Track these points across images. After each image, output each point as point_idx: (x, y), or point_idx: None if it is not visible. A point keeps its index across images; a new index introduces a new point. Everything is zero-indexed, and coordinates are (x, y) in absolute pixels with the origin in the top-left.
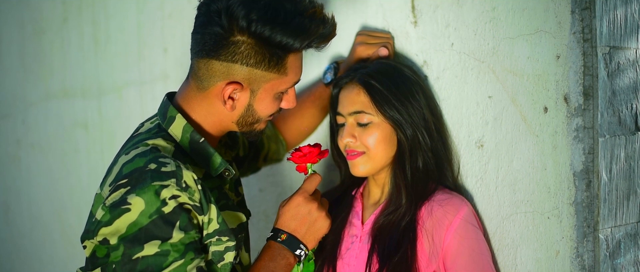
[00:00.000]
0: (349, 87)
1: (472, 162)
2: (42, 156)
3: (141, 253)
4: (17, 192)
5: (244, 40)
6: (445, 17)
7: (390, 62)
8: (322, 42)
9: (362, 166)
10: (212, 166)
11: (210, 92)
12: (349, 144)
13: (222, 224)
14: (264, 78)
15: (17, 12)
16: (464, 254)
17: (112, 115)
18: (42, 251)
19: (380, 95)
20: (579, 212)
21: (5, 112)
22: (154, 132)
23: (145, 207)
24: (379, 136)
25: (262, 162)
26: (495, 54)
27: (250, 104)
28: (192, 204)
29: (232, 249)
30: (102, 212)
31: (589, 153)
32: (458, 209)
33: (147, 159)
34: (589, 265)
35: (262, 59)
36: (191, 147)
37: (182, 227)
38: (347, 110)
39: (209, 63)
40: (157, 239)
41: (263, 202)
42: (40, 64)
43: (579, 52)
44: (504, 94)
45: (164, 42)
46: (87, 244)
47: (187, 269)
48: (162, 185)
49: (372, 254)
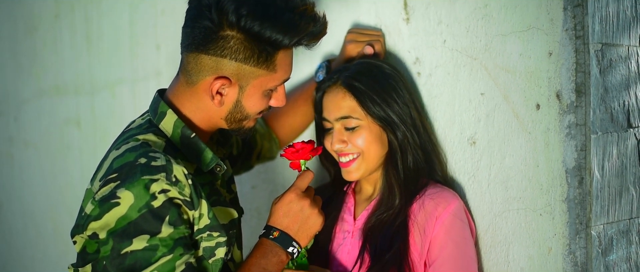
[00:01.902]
0: (333, 91)
1: (465, 159)
2: (34, 153)
3: (130, 248)
4: (9, 190)
5: (233, 35)
6: (437, 14)
7: (370, 61)
8: (313, 40)
9: (356, 172)
10: (203, 161)
11: (199, 87)
12: (340, 149)
13: (213, 219)
14: (253, 74)
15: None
16: (448, 247)
17: (105, 113)
18: (35, 248)
19: (366, 96)
20: (572, 209)
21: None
22: (144, 127)
23: (135, 201)
24: (368, 136)
25: (255, 161)
26: (488, 50)
27: (238, 100)
28: (182, 198)
29: (224, 245)
30: (92, 207)
31: (581, 150)
32: (449, 202)
33: (138, 153)
34: (581, 262)
35: (251, 54)
36: (182, 142)
37: (172, 222)
38: (333, 115)
39: (198, 57)
40: (145, 234)
41: (255, 199)
42: (33, 61)
43: (571, 49)
44: (496, 91)
45: (157, 40)
46: (77, 239)
47: (175, 265)
48: (151, 179)
49: (364, 252)
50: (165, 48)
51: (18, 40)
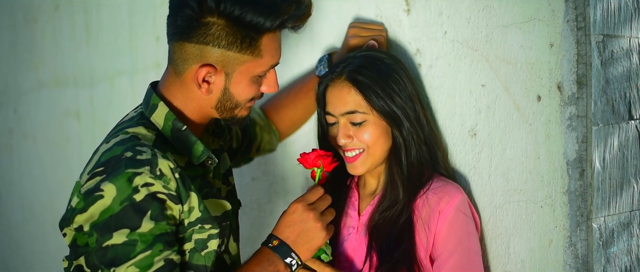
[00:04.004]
0: (338, 85)
1: (465, 151)
2: (34, 145)
3: (110, 241)
4: (8, 182)
5: (214, 21)
6: (438, 5)
7: (372, 53)
8: (297, 22)
9: (361, 166)
10: (194, 154)
11: (186, 76)
12: (346, 144)
13: (204, 211)
14: (238, 60)
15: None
16: (452, 241)
17: (104, 105)
18: (35, 241)
19: (371, 91)
20: (572, 201)
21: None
22: (135, 120)
23: (117, 193)
24: (374, 131)
25: (255, 153)
26: (489, 42)
27: (226, 88)
28: (167, 192)
29: (216, 237)
30: (77, 200)
31: (583, 142)
32: (452, 196)
33: (125, 147)
34: (582, 254)
35: (234, 40)
36: (173, 135)
37: (153, 217)
38: (339, 110)
39: (183, 46)
40: (126, 228)
41: (255, 191)
42: (32, 53)
43: (572, 40)
44: (497, 83)
45: (156, 31)
46: (66, 231)
47: (154, 261)
48: (135, 172)
49: (371, 251)
50: (164, 39)
51: (17, 32)
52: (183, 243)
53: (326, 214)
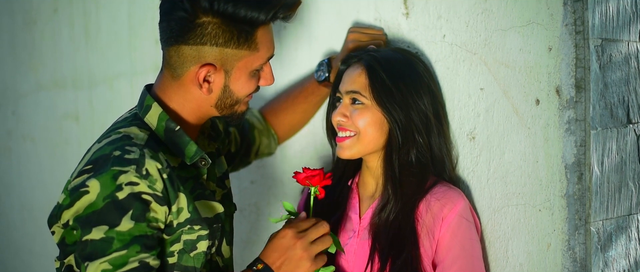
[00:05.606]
0: (354, 66)
1: (464, 155)
2: (33, 147)
3: (89, 236)
4: (7, 184)
5: (209, 21)
6: (437, 9)
7: (406, 54)
8: (288, 12)
9: (348, 150)
10: (187, 154)
11: (185, 79)
12: (340, 122)
13: (193, 212)
14: (236, 56)
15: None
16: (455, 248)
17: (103, 107)
18: (33, 243)
19: (381, 84)
20: (571, 204)
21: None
22: (129, 120)
23: (101, 189)
24: (370, 119)
25: (253, 157)
26: (487, 45)
27: (226, 85)
28: (152, 193)
29: (205, 238)
30: (63, 196)
31: (581, 146)
32: (455, 202)
33: (115, 146)
34: (580, 258)
35: (231, 36)
36: (166, 135)
37: (134, 217)
38: (345, 88)
39: (179, 49)
40: (105, 225)
41: (254, 195)
42: (31, 54)
43: (571, 44)
44: (496, 86)
45: (155, 33)
46: (54, 229)
47: (128, 261)
48: (120, 170)
49: (373, 255)
50: None
51: (16, 34)
52: (172, 244)
53: (317, 243)
